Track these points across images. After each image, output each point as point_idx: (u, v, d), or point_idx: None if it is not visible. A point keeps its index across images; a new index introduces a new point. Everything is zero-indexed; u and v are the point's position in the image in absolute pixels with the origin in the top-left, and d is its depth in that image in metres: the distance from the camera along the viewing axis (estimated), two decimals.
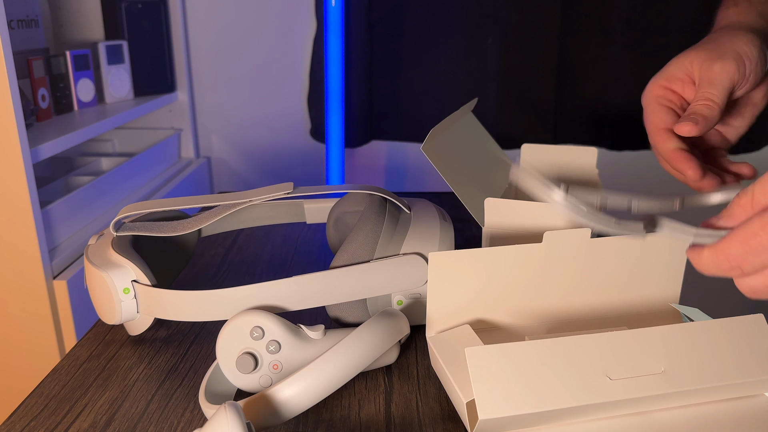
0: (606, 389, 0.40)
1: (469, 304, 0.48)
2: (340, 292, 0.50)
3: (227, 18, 1.52)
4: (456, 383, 0.42)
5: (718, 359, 0.42)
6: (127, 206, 0.56)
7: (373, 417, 0.44)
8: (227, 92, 1.58)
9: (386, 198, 0.55)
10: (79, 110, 1.30)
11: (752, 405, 0.43)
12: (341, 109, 1.38)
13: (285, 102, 1.58)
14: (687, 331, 0.43)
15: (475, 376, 0.39)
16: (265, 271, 0.68)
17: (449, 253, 0.46)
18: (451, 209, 0.88)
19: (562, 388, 0.40)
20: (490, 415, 0.38)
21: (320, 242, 0.75)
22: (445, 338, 0.47)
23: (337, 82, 1.35)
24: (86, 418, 0.44)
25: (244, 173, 1.65)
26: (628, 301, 0.51)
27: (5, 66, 0.88)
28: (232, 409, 0.35)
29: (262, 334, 0.45)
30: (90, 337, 0.55)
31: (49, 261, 0.98)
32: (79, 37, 1.44)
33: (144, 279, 0.51)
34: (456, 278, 0.47)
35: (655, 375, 0.41)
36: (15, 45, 1.04)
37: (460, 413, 0.42)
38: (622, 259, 0.49)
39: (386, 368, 0.50)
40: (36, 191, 0.95)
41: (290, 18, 1.52)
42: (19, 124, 0.91)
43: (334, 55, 1.34)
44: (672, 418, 0.42)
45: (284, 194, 0.53)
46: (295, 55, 1.54)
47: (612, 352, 0.41)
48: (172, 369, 0.50)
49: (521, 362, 0.40)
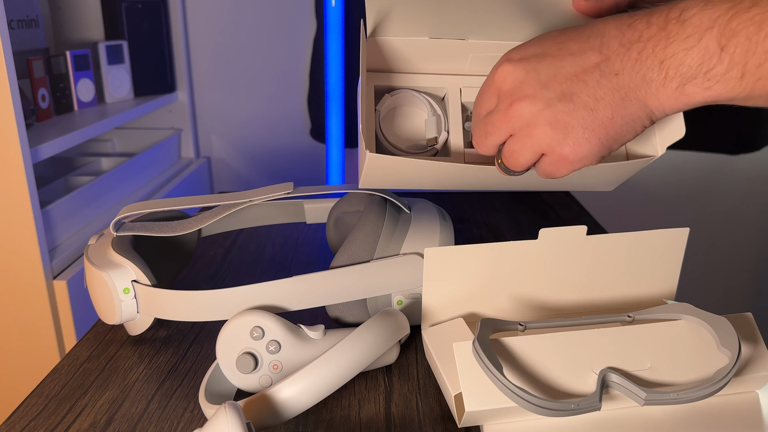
0: (591, 384, 0.41)
1: (464, 299, 0.49)
2: (340, 292, 0.50)
3: (227, 18, 1.52)
4: (445, 376, 0.43)
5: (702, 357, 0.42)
6: (127, 206, 0.56)
7: (373, 417, 0.44)
8: (227, 92, 1.58)
9: (386, 198, 0.55)
10: (79, 110, 1.30)
11: (743, 401, 0.44)
12: (341, 109, 1.38)
13: (285, 102, 1.58)
14: (674, 329, 0.44)
15: (462, 369, 0.40)
16: (265, 271, 0.68)
17: (445, 249, 0.46)
18: (451, 209, 0.88)
19: (548, 381, 0.40)
20: (476, 407, 0.39)
21: (320, 242, 0.75)
22: (438, 331, 0.48)
23: (337, 82, 1.35)
24: (86, 418, 0.44)
25: (244, 173, 1.65)
26: (624, 297, 0.51)
27: (5, 66, 0.88)
28: (232, 409, 0.35)
29: (262, 334, 0.45)
30: (90, 337, 0.55)
31: (49, 261, 0.98)
32: (79, 37, 1.44)
33: (144, 279, 0.51)
34: (451, 273, 0.47)
35: (642, 371, 0.42)
36: (15, 45, 1.04)
37: (450, 405, 0.43)
38: (618, 256, 0.49)
39: (386, 368, 0.50)
40: (36, 191, 0.95)
41: (290, 18, 1.52)
42: (19, 124, 0.91)
43: (334, 55, 1.33)
44: (664, 412, 0.42)
45: (284, 194, 0.53)
46: (295, 55, 1.54)
47: (601, 347, 0.42)
48: (172, 369, 0.50)
49: (509, 356, 0.41)
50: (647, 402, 0.39)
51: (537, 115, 0.41)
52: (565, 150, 0.41)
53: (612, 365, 0.41)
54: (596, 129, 0.41)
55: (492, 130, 0.44)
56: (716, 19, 0.35)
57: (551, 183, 0.49)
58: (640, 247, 0.49)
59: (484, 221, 0.84)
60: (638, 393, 0.39)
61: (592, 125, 0.41)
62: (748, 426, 0.41)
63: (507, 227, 0.81)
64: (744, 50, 0.35)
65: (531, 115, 0.41)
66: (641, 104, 0.39)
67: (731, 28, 0.35)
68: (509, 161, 0.44)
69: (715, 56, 0.36)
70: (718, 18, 0.35)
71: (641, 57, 0.38)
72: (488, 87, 0.45)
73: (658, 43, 0.37)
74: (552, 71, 0.41)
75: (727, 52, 0.35)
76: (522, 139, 0.43)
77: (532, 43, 0.43)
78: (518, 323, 0.44)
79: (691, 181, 1.67)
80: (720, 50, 0.35)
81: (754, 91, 0.36)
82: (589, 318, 0.45)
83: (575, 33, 0.41)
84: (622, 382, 0.40)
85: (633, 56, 0.38)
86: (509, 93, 0.42)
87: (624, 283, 0.51)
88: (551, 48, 0.42)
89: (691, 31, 0.36)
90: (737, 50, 0.35)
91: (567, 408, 0.38)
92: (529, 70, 0.42)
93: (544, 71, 0.41)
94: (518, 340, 0.42)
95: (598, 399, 0.39)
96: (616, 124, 0.40)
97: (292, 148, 1.61)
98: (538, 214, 0.87)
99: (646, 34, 0.38)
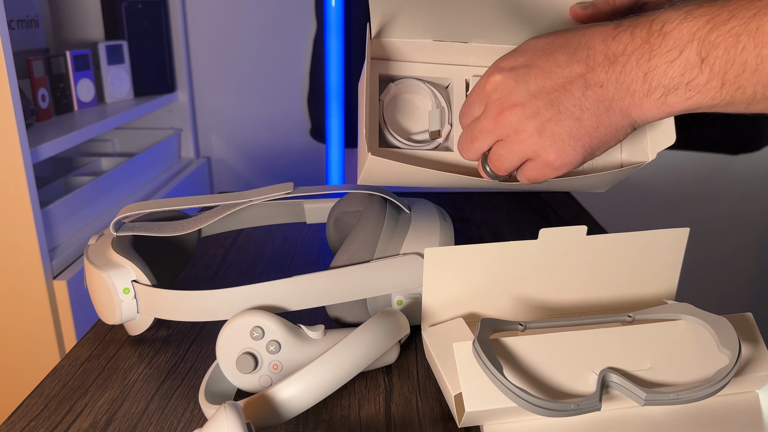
0: (591, 384, 0.41)
1: (464, 299, 0.49)
2: (340, 292, 0.50)
3: (227, 18, 1.52)
4: (445, 376, 0.43)
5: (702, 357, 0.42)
6: (127, 206, 0.56)
7: (373, 417, 0.44)
8: (227, 92, 1.58)
9: (386, 198, 0.55)
10: (79, 110, 1.30)
11: (743, 401, 0.44)
12: (341, 109, 1.38)
13: (285, 102, 1.58)
14: (675, 329, 0.44)
15: (462, 369, 0.40)
16: (265, 271, 0.68)
17: (445, 249, 0.47)
18: (451, 209, 0.88)
19: (548, 382, 0.40)
20: (476, 407, 0.39)
21: (320, 242, 0.75)
22: (438, 331, 0.48)
23: (337, 82, 1.35)
24: (86, 418, 0.44)
25: (244, 173, 1.65)
26: (624, 297, 0.51)
27: (5, 66, 0.88)
28: (232, 409, 0.35)
29: (262, 334, 0.45)
30: (90, 337, 0.55)
31: (49, 261, 0.98)
32: (79, 37, 1.44)
33: (144, 279, 0.51)
34: (451, 273, 0.47)
35: (642, 371, 0.42)
36: (15, 45, 1.04)
37: (450, 405, 0.43)
38: (618, 256, 0.49)
39: (386, 368, 0.50)
40: (36, 191, 0.95)
41: (290, 18, 1.52)
42: (19, 124, 0.91)
43: (334, 55, 1.34)
44: (664, 412, 0.42)
45: (284, 194, 0.53)
46: (295, 55, 1.54)
47: (601, 347, 0.42)
48: (172, 369, 0.50)
49: (509, 357, 0.41)
50: (647, 402, 0.39)
51: (525, 123, 0.43)
52: (550, 156, 0.43)
53: (612, 365, 0.41)
54: (581, 138, 0.43)
55: (479, 136, 0.46)
56: (695, 32, 0.37)
57: (547, 184, 0.50)
58: (640, 247, 0.49)
59: (484, 221, 0.84)
60: (638, 393, 0.39)
61: (577, 134, 0.42)
62: (748, 426, 0.41)
63: (507, 227, 0.81)
64: (723, 62, 0.36)
65: (519, 123, 0.43)
66: (624, 114, 0.41)
67: (710, 40, 0.36)
68: (495, 165, 0.46)
69: (696, 68, 0.37)
70: (698, 31, 0.37)
71: (625, 69, 0.40)
72: (477, 95, 0.46)
73: (642, 56, 0.39)
74: (540, 82, 0.43)
75: (707, 63, 0.37)
76: (509, 145, 0.44)
77: (521, 52, 0.45)
78: (518, 323, 0.44)
79: (691, 181, 1.67)
80: (700, 62, 0.37)
81: (734, 99, 0.37)
82: (589, 318, 0.45)
83: (563, 42, 0.43)
84: (622, 382, 0.40)
85: (617, 69, 0.40)
86: (498, 101, 0.44)
87: (624, 283, 0.51)
88: (540, 59, 0.43)
89: (673, 44, 0.37)
90: (716, 62, 0.36)
91: (567, 408, 0.38)
92: (518, 80, 0.43)
93: (533, 82, 0.43)
94: (518, 340, 0.42)
95: (598, 399, 0.39)
96: (600, 133, 0.42)
97: (292, 148, 1.61)
98: (538, 214, 0.87)
99: (630, 47, 0.39)
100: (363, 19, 1.42)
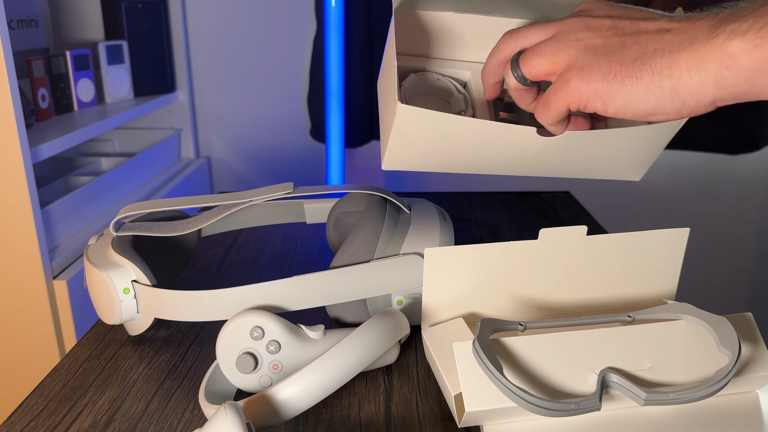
0: (591, 384, 0.41)
1: (464, 299, 0.49)
2: (340, 292, 0.50)
3: (227, 18, 1.53)
4: (445, 376, 0.43)
5: (702, 357, 0.42)
6: (127, 206, 0.56)
7: (373, 417, 0.44)
8: (227, 92, 1.58)
9: (386, 198, 0.55)
10: (79, 110, 1.30)
11: (743, 401, 0.44)
12: (341, 109, 1.38)
13: (285, 102, 1.58)
14: (674, 329, 0.44)
15: (462, 369, 0.40)
16: (265, 271, 0.68)
17: (445, 249, 0.46)
18: (451, 209, 0.88)
19: (548, 382, 0.40)
20: (476, 407, 0.39)
21: (320, 242, 0.75)
22: (438, 331, 0.48)
23: (337, 82, 1.36)
24: (86, 418, 0.44)
25: (244, 173, 1.65)
26: (624, 297, 0.51)
27: (5, 66, 0.88)
28: (232, 409, 0.35)
29: (262, 334, 0.45)
30: (90, 337, 0.55)
31: (49, 261, 0.98)
32: (79, 37, 1.44)
33: (144, 279, 0.51)
34: (451, 273, 0.47)
35: (642, 371, 0.42)
36: (15, 45, 1.04)
37: (450, 405, 0.43)
38: (618, 256, 0.49)
39: (386, 368, 0.50)
40: (36, 191, 0.95)
41: (290, 18, 1.52)
42: (19, 124, 0.91)
43: (334, 55, 1.34)
44: (664, 412, 0.42)
45: (284, 194, 0.53)
46: (295, 55, 1.54)
47: (601, 347, 0.42)
48: (172, 369, 0.50)
49: (509, 357, 0.41)
50: (647, 402, 0.39)
51: (584, 33, 0.43)
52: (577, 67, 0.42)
53: (612, 365, 0.41)
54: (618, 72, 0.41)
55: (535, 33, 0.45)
56: None
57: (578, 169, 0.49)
58: (640, 247, 0.49)
59: (484, 221, 0.84)
60: (638, 393, 0.39)
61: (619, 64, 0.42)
62: (748, 426, 0.41)
63: (507, 227, 0.81)
64: None
65: (581, 29, 0.43)
66: (672, 60, 0.40)
67: None
68: (527, 59, 0.45)
69: None
70: None
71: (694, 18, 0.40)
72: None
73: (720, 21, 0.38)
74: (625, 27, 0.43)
75: None
76: (552, 43, 0.44)
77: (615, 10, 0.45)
78: (518, 323, 0.44)
79: (691, 181, 1.67)
80: None
81: None
82: (589, 318, 0.45)
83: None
84: (622, 382, 0.40)
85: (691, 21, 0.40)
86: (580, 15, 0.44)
87: (624, 283, 0.51)
88: (635, 13, 0.43)
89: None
90: None
91: (567, 408, 0.38)
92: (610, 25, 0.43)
93: (622, 26, 0.43)
94: (518, 340, 0.42)
95: (598, 399, 0.39)
96: (636, 67, 0.41)
97: (291, 148, 1.61)
98: (538, 214, 0.87)
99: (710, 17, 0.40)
100: (363, 19, 1.42)
